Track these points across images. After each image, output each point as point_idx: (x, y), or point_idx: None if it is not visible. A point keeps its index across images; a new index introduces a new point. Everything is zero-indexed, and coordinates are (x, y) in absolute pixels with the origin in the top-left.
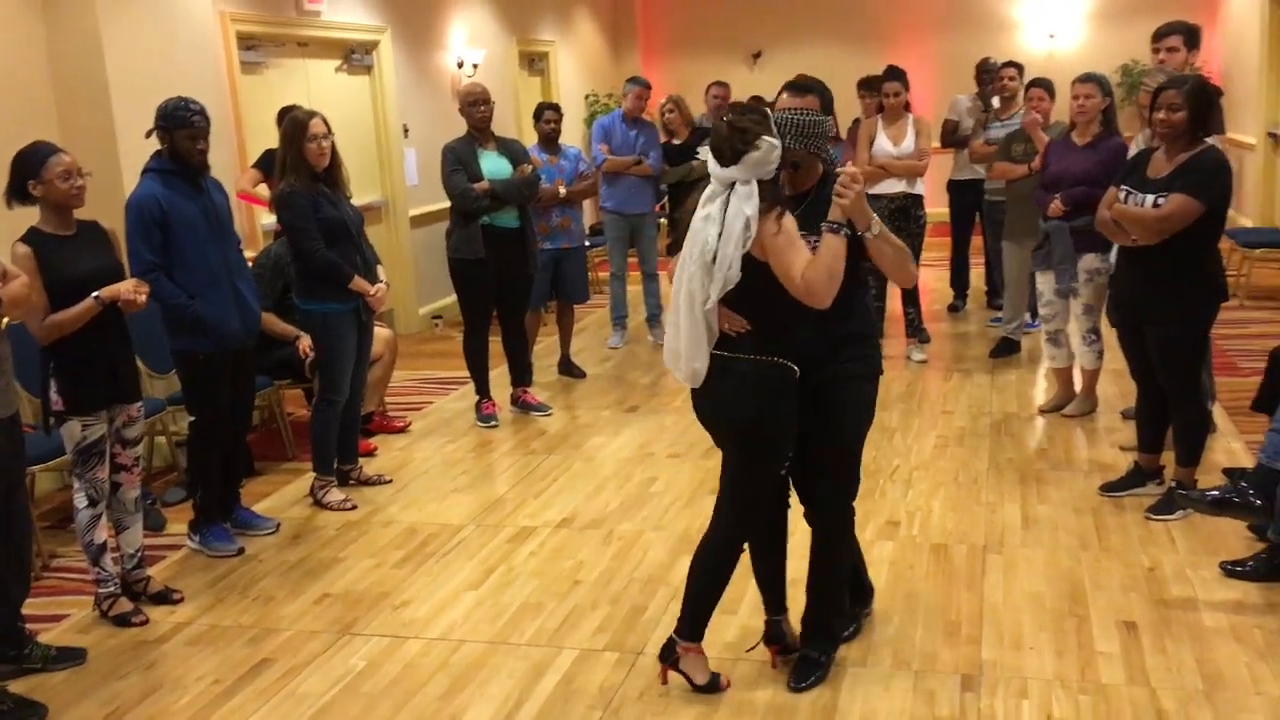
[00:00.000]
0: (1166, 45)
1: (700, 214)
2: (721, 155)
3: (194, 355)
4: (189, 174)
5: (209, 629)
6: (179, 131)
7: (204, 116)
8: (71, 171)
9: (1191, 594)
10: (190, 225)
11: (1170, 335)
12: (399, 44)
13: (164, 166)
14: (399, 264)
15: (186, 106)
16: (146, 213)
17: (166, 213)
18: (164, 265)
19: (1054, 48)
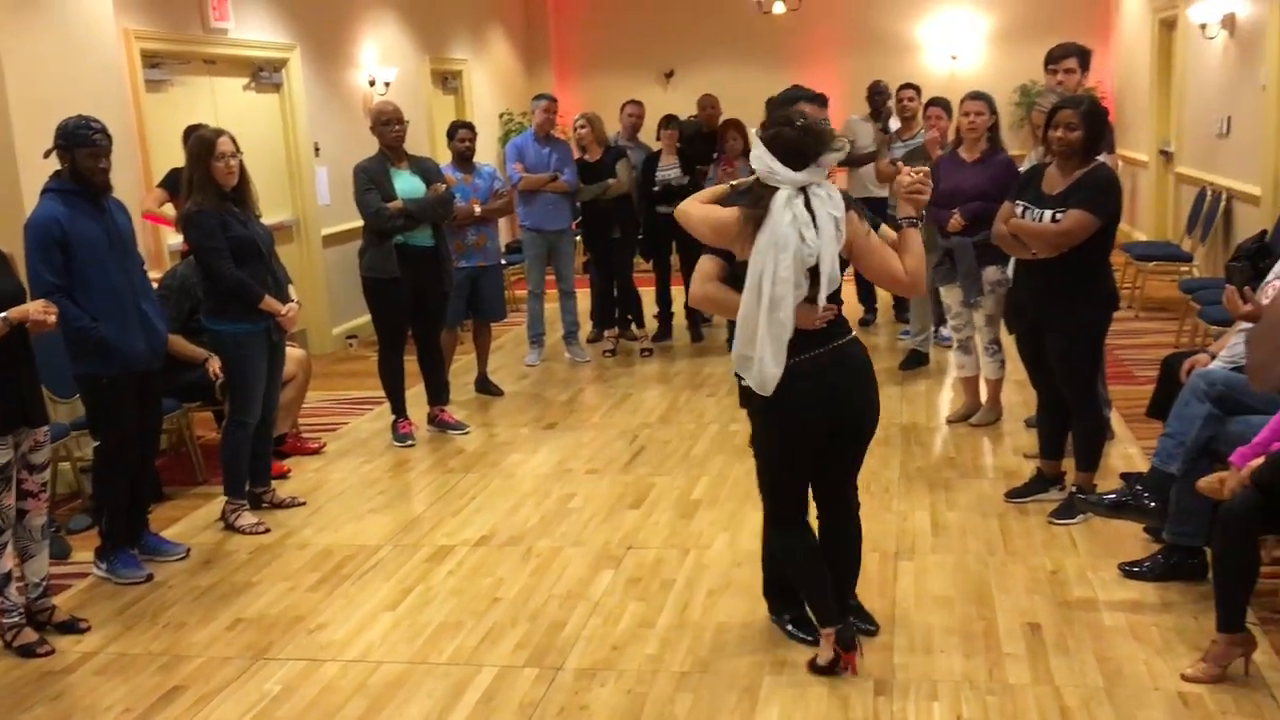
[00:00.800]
0: (1064, 67)
1: (783, 219)
2: (802, 158)
3: (98, 379)
4: (90, 194)
5: (117, 657)
6: (80, 150)
7: (106, 135)
8: None
9: (1092, 595)
10: (92, 246)
11: (1069, 343)
12: (309, 62)
13: (64, 186)
14: (311, 284)
15: (88, 125)
16: (47, 234)
17: (67, 233)
18: (65, 287)
19: (955, 69)
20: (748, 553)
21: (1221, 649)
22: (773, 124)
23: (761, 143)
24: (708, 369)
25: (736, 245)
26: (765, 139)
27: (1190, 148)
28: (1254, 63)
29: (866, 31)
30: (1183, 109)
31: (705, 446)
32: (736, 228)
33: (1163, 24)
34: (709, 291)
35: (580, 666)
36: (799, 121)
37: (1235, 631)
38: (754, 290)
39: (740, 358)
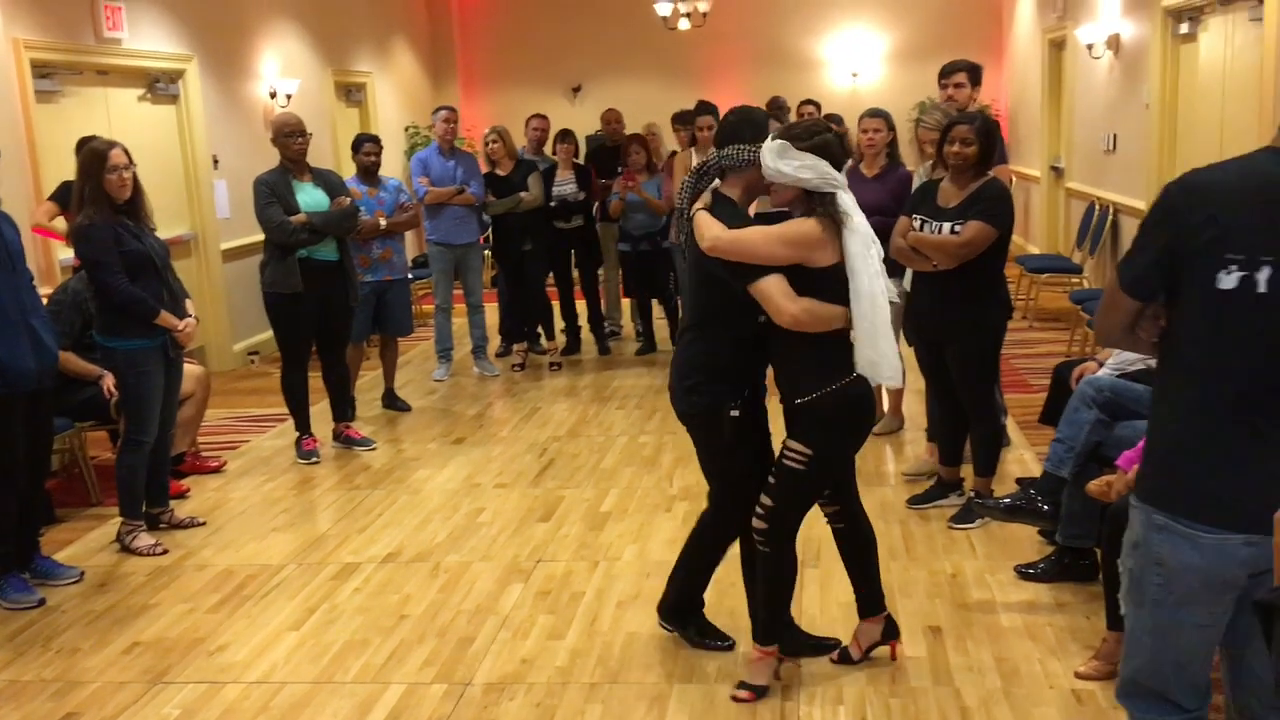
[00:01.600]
0: (954, 81)
1: (862, 222)
2: (843, 163)
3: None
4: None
5: (8, 684)
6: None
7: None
8: None
9: (990, 597)
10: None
11: (969, 350)
12: (207, 73)
13: None
14: (211, 299)
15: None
16: None
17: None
18: None
19: (857, 85)
20: (656, 563)
21: (1112, 646)
22: (810, 134)
23: (809, 151)
24: (615, 382)
25: (817, 254)
26: (814, 147)
27: (1079, 163)
28: (1137, 81)
29: (770, 48)
30: (1072, 126)
31: (614, 459)
32: (820, 236)
33: (1052, 44)
34: (808, 307)
35: (489, 681)
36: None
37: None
38: (866, 293)
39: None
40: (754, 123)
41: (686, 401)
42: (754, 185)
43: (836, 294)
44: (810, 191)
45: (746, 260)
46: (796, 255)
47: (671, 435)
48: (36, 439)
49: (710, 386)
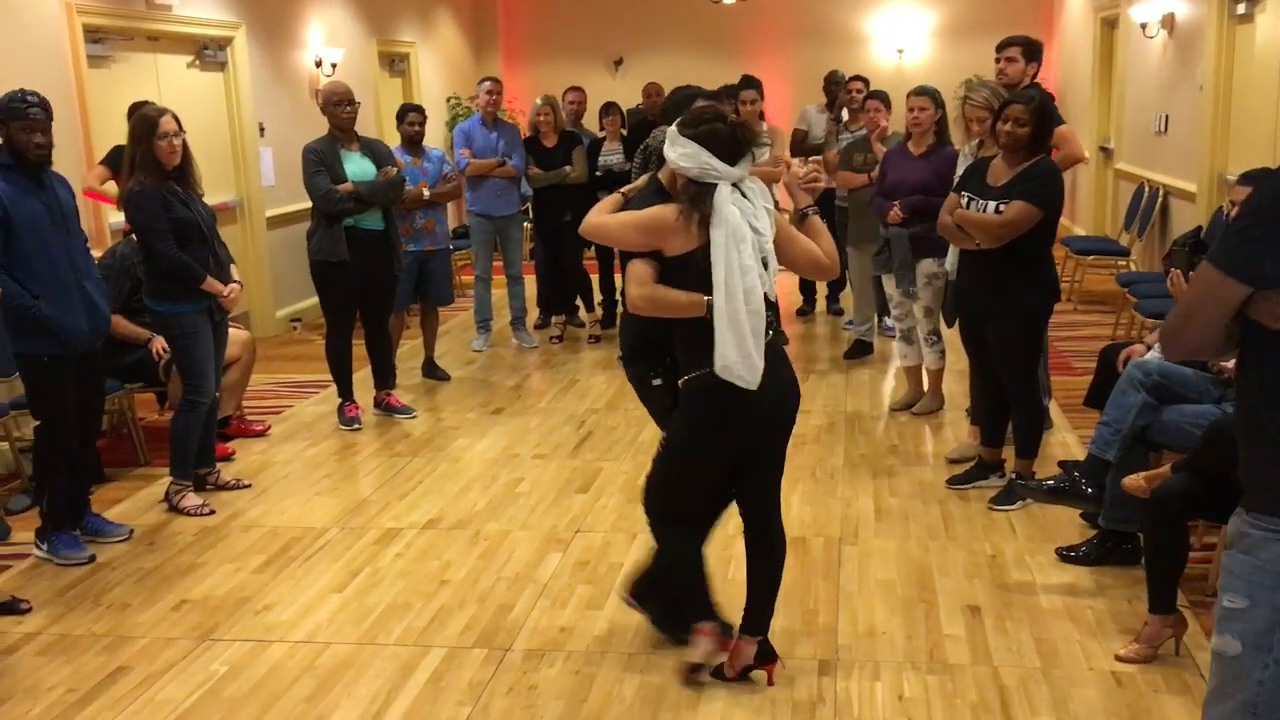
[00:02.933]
0: (1006, 55)
1: (733, 213)
2: (738, 153)
3: (39, 358)
4: (30, 169)
5: (60, 638)
6: (14, 123)
7: (43, 109)
8: None
9: (1030, 578)
10: (33, 223)
11: (1011, 332)
12: (255, 41)
13: (4, 161)
14: (255, 266)
15: (23, 98)
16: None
17: (8, 210)
18: (5, 265)
19: (902, 62)
20: None
21: (1154, 629)
22: (698, 121)
23: (691, 140)
24: None
25: (669, 242)
26: (697, 136)
27: (1129, 145)
28: (1192, 62)
29: (815, 23)
30: (1123, 107)
31: (652, 432)
32: (674, 223)
33: (1104, 22)
34: (651, 293)
35: (529, 648)
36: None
37: (1167, 613)
38: (723, 286)
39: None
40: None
41: (625, 372)
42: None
43: (700, 283)
44: (694, 180)
45: (609, 244)
46: (647, 241)
47: None
48: (88, 399)
49: (634, 358)
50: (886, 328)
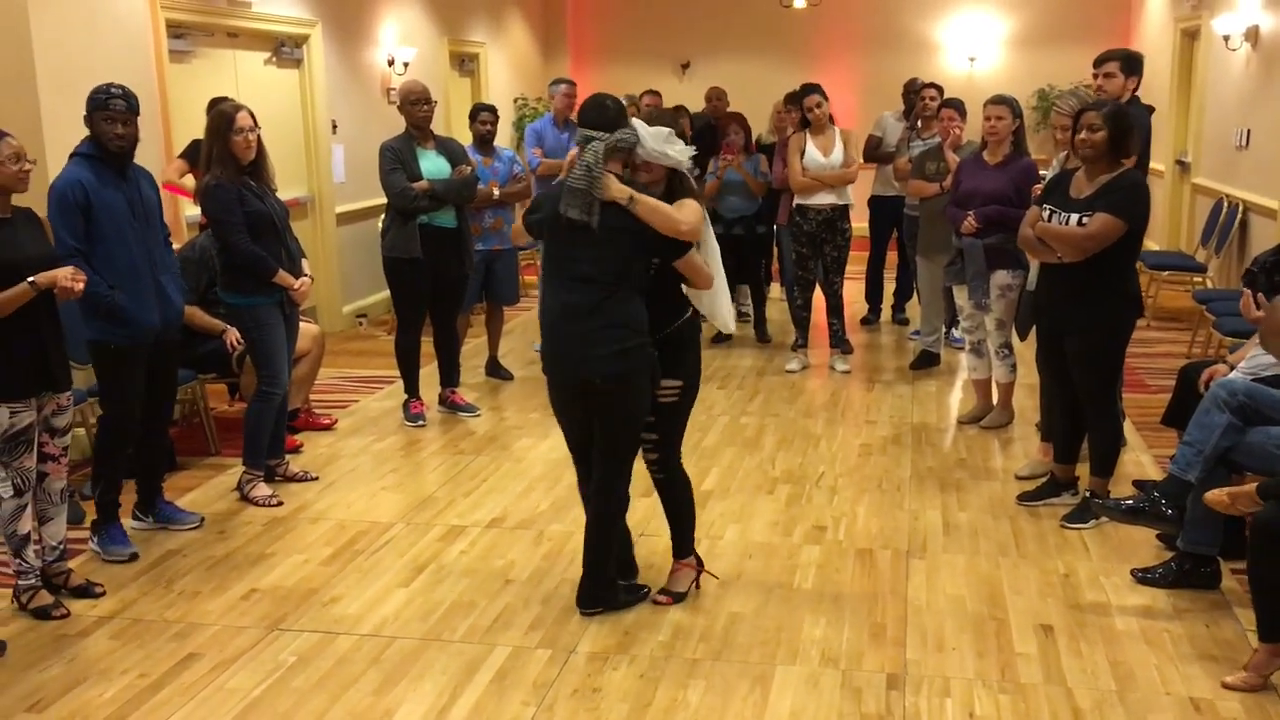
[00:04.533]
0: (1105, 71)
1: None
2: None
3: (107, 345)
4: (114, 161)
5: (132, 623)
6: (98, 114)
7: (127, 101)
8: (20, 155)
9: (1104, 599)
10: (113, 214)
11: (1091, 347)
12: (330, 39)
13: (90, 152)
14: (324, 261)
15: (107, 89)
16: (70, 198)
17: (90, 199)
18: (84, 252)
19: (974, 70)
20: (759, 545)
21: (1263, 658)
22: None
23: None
24: (717, 361)
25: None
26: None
27: (1208, 159)
28: (1276, 76)
29: (886, 30)
30: (1202, 120)
31: (715, 438)
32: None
33: (1184, 34)
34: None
35: (593, 650)
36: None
37: (1276, 641)
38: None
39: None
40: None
41: (622, 363)
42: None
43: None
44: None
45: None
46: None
47: (774, 418)
48: (162, 388)
49: (640, 340)
50: (954, 339)
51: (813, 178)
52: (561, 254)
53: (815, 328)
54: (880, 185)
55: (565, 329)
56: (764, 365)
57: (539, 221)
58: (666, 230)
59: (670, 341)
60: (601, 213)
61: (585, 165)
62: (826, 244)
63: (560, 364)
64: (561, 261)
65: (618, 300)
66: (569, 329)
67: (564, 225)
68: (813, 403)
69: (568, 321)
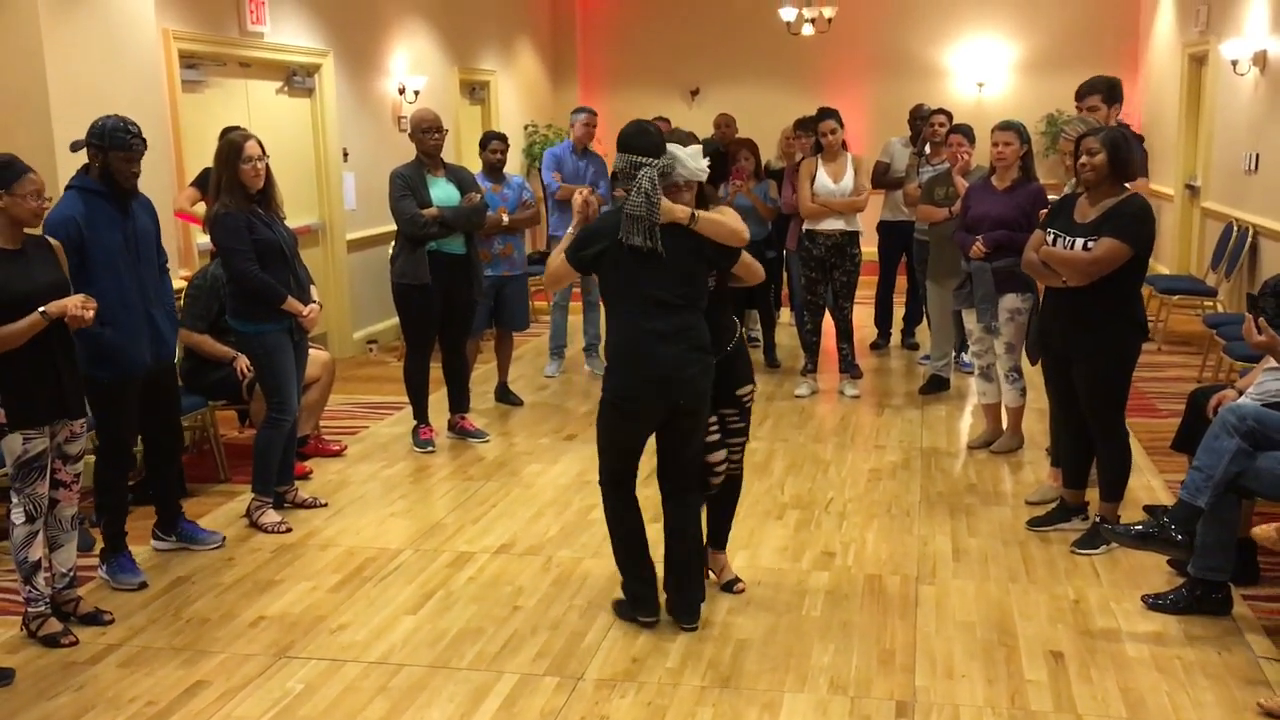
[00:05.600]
0: (1087, 104)
1: None
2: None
3: (99, 381)
4: (116, 196)
5: (141, 650)
6: (115, 153)
7: (142, 140)
8: (41, 193)
9: (1115, 625)
10: (107, 250)
11: (1098, 371)
12: (341, 68)
13: (89, 185)
14: (335, 287)
15: (126, 129)
16: (62, 232)
17: (84, 234)
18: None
19: (982, 96)
20: (767, 570)
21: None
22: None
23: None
24: None
25: None
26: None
27: (1217, 183)
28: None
29: (894, 56)
30: (1210, 144)
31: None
32: None
33: (1192, 59)
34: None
35: (601, 677)
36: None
37: None
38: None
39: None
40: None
41: (706, 382)
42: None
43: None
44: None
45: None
46: None
47: (783, 442)
48: (163, 419)
49: (710, 360)
50: (964, 363)
51: (822, 204)
52: (628, 283)
53: (825, 353)
54: (889, 210)
55: (657, 354)
56: (773, 390)
57: (598, 255)
58: (729, 239)
59: (737, 353)
60: (662, 236)
61: (643, 192)
62: (836, 269)
63: (653, 389)
64: (629, 290)
65: (695, 322)
66: (661, 353)
67: (627, 254)
68: (822, 428)
69: (658, 346)
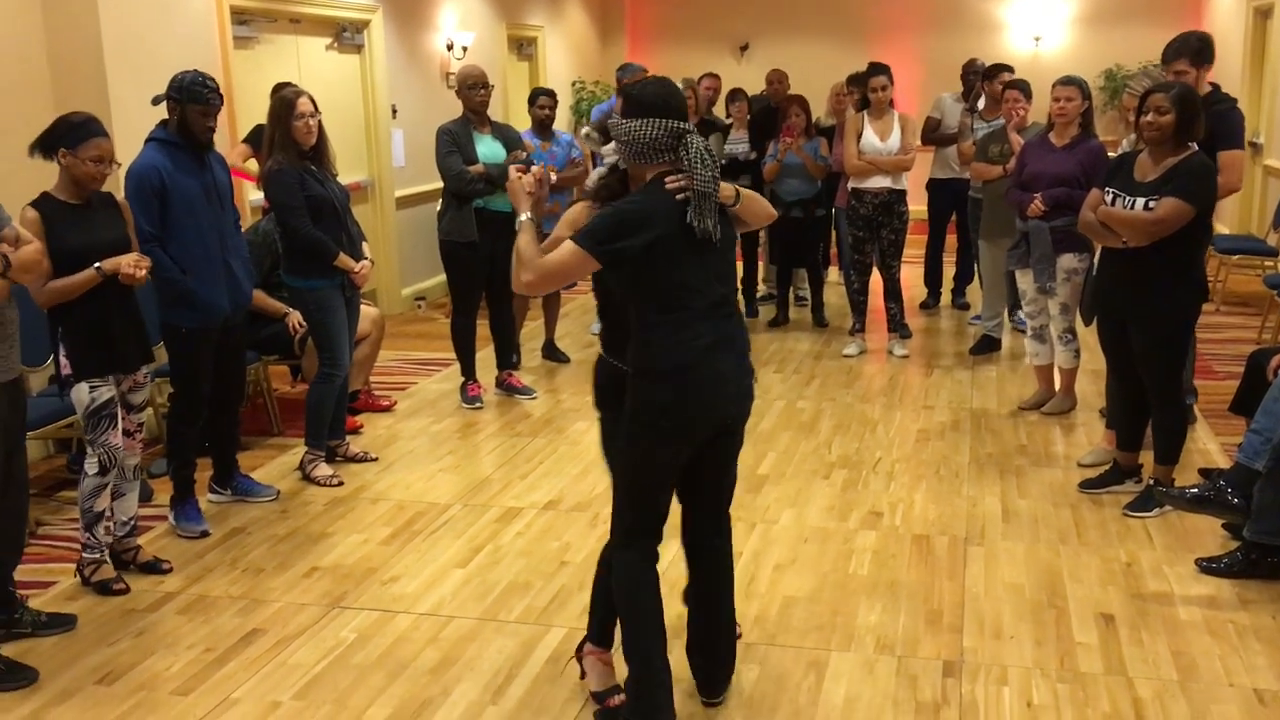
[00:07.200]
0: (1174, 69)
1: None
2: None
3: (178, 328)
4: (193, 148)
5: (198, 599)
6: (192, 106)
7: (218, 94)
8: (104, 158)
9: (1168, 589)
10: (188, 200)
11: (1156, 334)
12: (390, 24)
13: (168, 138)
14: (384, 245)
15: (203, 83)
16: (147, 183)
17: (166, 184)
18: (160, 237)
19: (1039, 50)
20: (814, 529)
21: None
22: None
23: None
24: (773, 345)
25: None
26: None
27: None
28: None
29: (948, 9)
30: (1275, 100)
31: (771, 422)
32: None
33: (1257, 12)
34: None
35: None
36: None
37: None
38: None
39: None
40: None
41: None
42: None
43: None
44: None
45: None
46: None
47: (831, 402)
48: (230, 370)
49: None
50: (1019, 321)
51: (869, 162)
52: (681, 280)
53: (873, 312)
54: (939, 168)
55: (716, 364)
56: (821, 350)
57: (648, 246)
58: (762, 221)
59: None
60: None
61: (708, 165)
62: (883, 228)
63: (709, 409)
64: (682, 289)
65: (741, 323)
66: (720, 363)
67: (682, 244)
68: (870, 387)
69: (716, 355)
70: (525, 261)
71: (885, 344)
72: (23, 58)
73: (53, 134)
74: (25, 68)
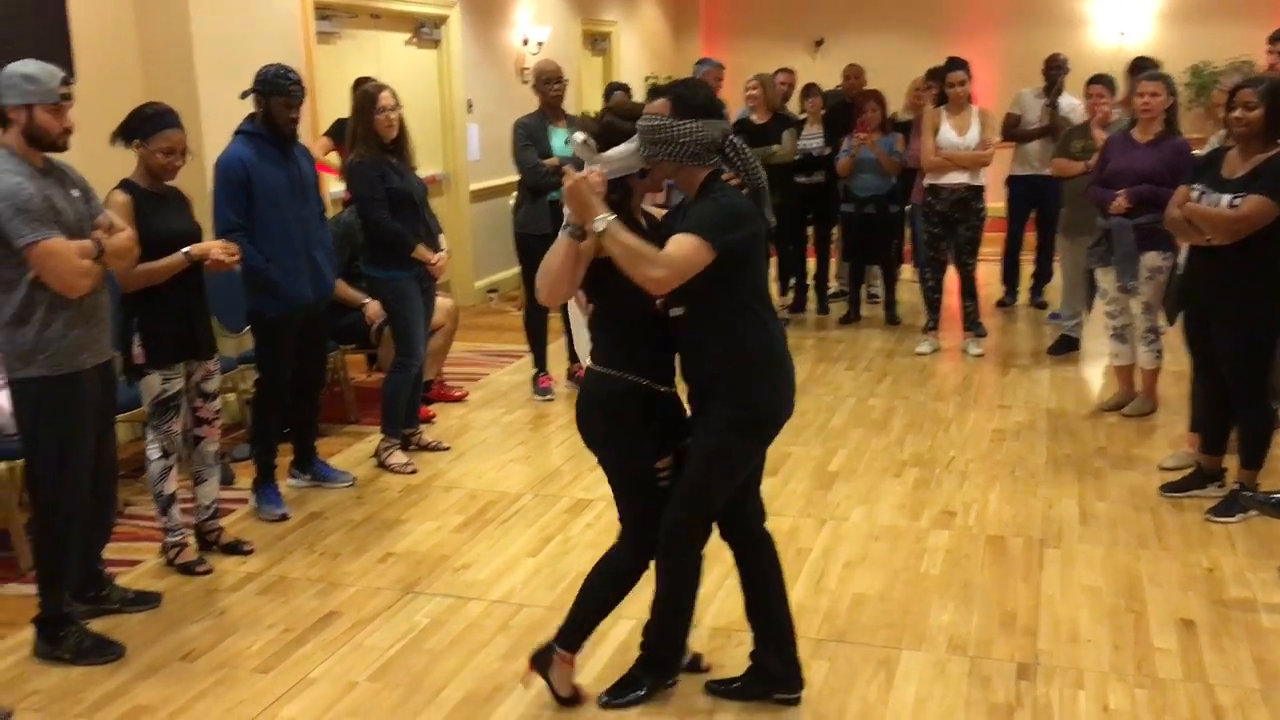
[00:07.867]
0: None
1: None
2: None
3: (262, 315)
4: (278, 140)
5: (278, 580)
6: (276, 99)
7: (301, 87)
8: (176, 150)
9: (1251, 595)
10: (273, 191)
11: (1242, 336)
12: (467, 19)
13: (255, 130)
14: (458, 237)
15: (286, 75)
16: (233, 174)
17: (251, 176)
18: (245, 227)
19: (1123, 45)
20: (885, 528)
21: None
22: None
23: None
24: (844, 343)
25: None
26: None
27: None
28: None
29: (1030, 4)
30: None
31: (842, 419)
32: None
33: None
34: None
35: (715, 625)
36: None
37: None
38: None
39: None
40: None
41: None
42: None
43: None
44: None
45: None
46: None
47: (903, 400)
48: (312, 353)
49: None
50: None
51: (947, 157)
52: (762, 273)
53: (947, 310)
54: (1018, 164)
55: (789, 359)
56: (893, 347)
57: (752, 239)
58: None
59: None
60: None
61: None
62: (960, 224)
63: (792, 399)
64: (764, 282)
65: None
66: (789, 358)
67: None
68: (943, 386)
69: (786, 349)
70: (651, 257)
71: (960, 342)
72: (115, 51)
73: (128, 124)
74: (117, 62)
